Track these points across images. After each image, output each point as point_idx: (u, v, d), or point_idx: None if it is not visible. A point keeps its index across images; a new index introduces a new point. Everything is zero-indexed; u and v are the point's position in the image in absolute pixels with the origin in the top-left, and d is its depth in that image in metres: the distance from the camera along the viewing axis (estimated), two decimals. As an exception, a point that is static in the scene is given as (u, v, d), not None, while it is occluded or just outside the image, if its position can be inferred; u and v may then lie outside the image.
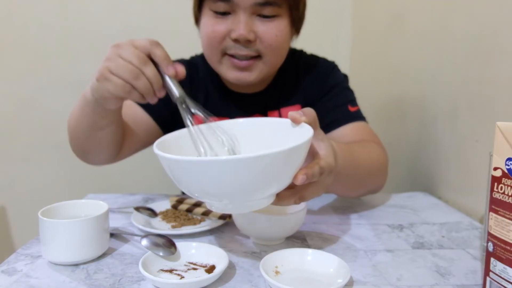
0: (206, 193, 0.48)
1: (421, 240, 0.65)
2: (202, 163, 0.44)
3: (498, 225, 0.44)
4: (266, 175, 0.45)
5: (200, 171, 0.44)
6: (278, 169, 0.46)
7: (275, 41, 0.75)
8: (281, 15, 0.75)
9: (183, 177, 0.47)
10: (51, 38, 1.40)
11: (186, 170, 0.46)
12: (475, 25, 0.78)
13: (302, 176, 0.48)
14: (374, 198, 0.86)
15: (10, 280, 0.52)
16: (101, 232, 0.57)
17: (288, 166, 0.47)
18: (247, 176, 0.44)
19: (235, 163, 0.43)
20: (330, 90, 0.87)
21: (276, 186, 0.49)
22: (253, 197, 0.48)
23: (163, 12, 1.42)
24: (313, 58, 0.92)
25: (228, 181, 0.44)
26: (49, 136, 1.45)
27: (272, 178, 0.46)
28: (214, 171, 0.43)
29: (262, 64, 0.77)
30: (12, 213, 1.51)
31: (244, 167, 0.43)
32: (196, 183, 0.46)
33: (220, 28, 0.74)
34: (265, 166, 0.44)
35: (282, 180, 0.48)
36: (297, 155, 0.47)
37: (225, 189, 0.46)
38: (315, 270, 0.52)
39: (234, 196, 0.47)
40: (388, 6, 1.21)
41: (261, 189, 0.47)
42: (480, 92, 0.77)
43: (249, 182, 0.45)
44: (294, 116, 0.53)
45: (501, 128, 0.43)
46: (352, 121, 0.83)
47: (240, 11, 0.72)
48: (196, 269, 0.53)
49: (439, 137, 0.92)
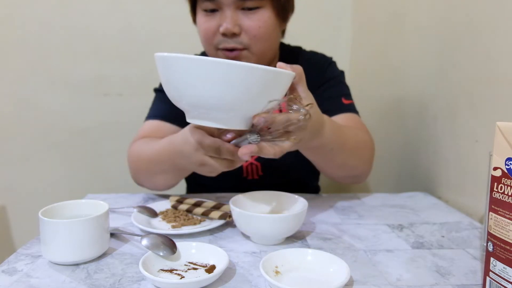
0: (196, 95, 0.51)
1: (421, 240, 0.65)
2: (197, 61, 0.49)
3: (498, 225, 0.44)
4: (247, 88, 0.50)
5: (193, 69, 0.49)
6: (261, 87, 0.50)
7: (258, 32, 0.80)
8: (263, 6, 0.80)
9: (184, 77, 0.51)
10: (51, 38, 1.40)
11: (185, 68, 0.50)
12: (475, 25, 0.78)
13: (259, 118, 0.52)
14: (374, 198, 0.86)
15: (11, 280, 0.52)
16: (101, 232, 0.57)
17: (269, 89, 0.51)
18: (236, 83, 0.49)
19: (226, 66, 0.48)
20: (326, 82, 0.91)
21: (252, 106, 0.52)
22: (228, 110, 0.51)
23: (163, 12, 1.41)
24: (311, 53, 0.97)
25: (217, 83, 0.49)
26: (49, 136, 1.44)
27: (251, 94, 0.50)
28: (206, 71, 0.49)
29: (250, 54, 0.83)
30: (12, 213, 1.51)
31: (235, 73, 0.48)
32: (187, 81, 0.50)
33: (210, 25, 0.80)
34: (249, 78, 0.49)
35: (258, 102, 0.52)
36: (280, 81, 0.53)
37: (207, 93, 0.50)
38: (315, 270, 0.52)
39: (211, 103, 0.51)
40: (388, 5, 1.21)
41: (237, 102, 0.51)
42: (480, 92, 0.77)
43: (231, 90, 0.50)
44: (281, 66, 0.56)
45: (501, 128, 0.43)
46: (344, 112, 0.87)
47: (225, 7, 0.78)
48: (196, 269, 0.53)
49: (439, 137, 0.92)
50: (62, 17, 1.39)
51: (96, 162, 1.48)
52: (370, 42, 1.36)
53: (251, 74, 0.49)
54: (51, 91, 1.43)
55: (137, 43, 1.42)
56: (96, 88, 1.44)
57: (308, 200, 0.66)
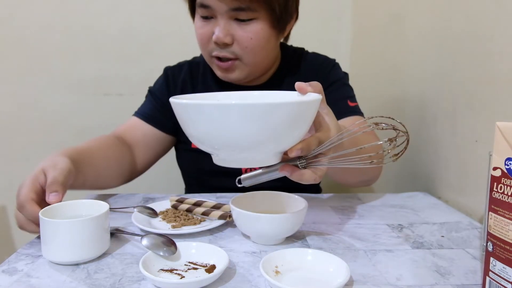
0: (215, 139, 0.49)
1: (421, 240, 0.65)
2: (220, 107, 0.46)
3: (497, 225, 0.44)
4: (274, 125, 0.47)
5: (216, 114, 0.47)
6: (288, 121, 0.47)
7: (250, 44, 0.80)
8: (258, 18, 0.79)
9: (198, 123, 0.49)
10: (51, 38, 1.40)
11: (200, 114, 0.48)
12: (475, 25, 0.78)
13: (296, 151, 0.50)
14: (374, 198, 0.86)
15: (11, 280, 0.52)
16: (102, 231, 0.57)
17: (298, 120, 0.49)
18: (260, 122, 0.46)
19: (248, 108, 0.45)
20: (330, 85, 0.89)
21: (284, 142, 0.50)
22: (262, 147, 0.49)
23: (163, 12, 1.41)
24: (314, 55, 0.96)
25: (238, 126, 0.46)
26: (49, 136, 1.44)
27: (280, 130, 0.48)
28: (229, 115, 0.46)
29: (242, 64, 0.83)
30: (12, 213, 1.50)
31: (254, 114, 0.45)
32: (210, 127, 0.48)
33: (205, 31, 0.81)
34: (275, 115, 0.46)
35: (289, 136, 0.49)
36: (307, 110, 0.49)
37: (233, 135, 0.47)
38: (315, 270, 0.52)
39: (239, 145, 0.49)
40: (388, 6, 1.21)
41: (269, 140, 0.48)
42: (480, 92, 0.77)
43: (257, 130, 0.47)
44: (300, 85, 0.55)
45: (500, 128, 0.43)
46: (351, 115, 0.86)
47: (218, 16, 0.78)
48: (196, 268, 0.53)
49: (439, 137, 0.92)
50: (62, 17, 1.39)
51: (96, 162, 1.48)
52: (370, 42, 1.36)
53: (272, 112, 0.46)
54: (51, 91, 1.43)
55: (137, 43, 1.42)
56: (96, 88, 1.44)
57: (308, 200, 0.66)
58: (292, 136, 0.50)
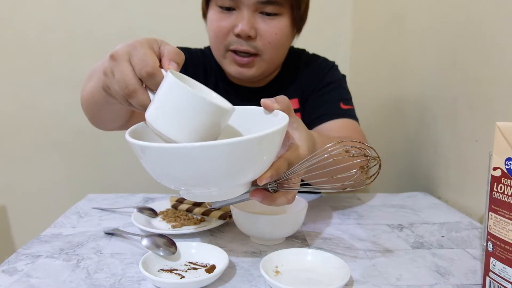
0: (181, 180, 0.46)
1: (421, 240, 0.65)
2: (179, 149, 0.42)
3: (497, 225, 0.44)
4: (240, 162, 0.44)
5: (176, 157, 0.43)
6: (253, 156, 0.44)
7: (274, 39, 0.78)
8: (282, 14, 0.78)
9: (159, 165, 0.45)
10: (52, 38, 1.40)
11: (161, 157, 0.43)
12: (475, 25, 0.78)
13: (266, 179, 0.47)
14: (374, 198, 0.86)
15: (11, 280, 0.52)
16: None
17: (262, 153, 0.45)
18: (223, 162, 0.43)
19: (210, 149, 0.42)
20: (325, 86, 0.89)
21: (251, 173, 0.47)
22: (230, 183, 0.46)
23: (163, 12, 1.41)
24: (314, 57, 0.96)
25: (203, 167, 0.43)
26: (49, 136, 1.44)
27: (246, 166, 0.45)
28: (191, 157, 0.42)
29: (262, 61, 0.81)
30: (12, 213, 1.51)
31: (219, 154, 0.42)
32: (171, 169, 0.44)
33: (225, 24, 0.78)
34: (240, 152, 0.43)
35: (257, 168, 0.46)
36: (270, 142, 0.45)
37: (200, 175, 0.44)
38: (315, 270, 0.52)
39: (206, 183, 0.45)
40: (388, 6, 1.21)
41: (236, 176, 0.45)
42: (480, 92, 0.77)
43: (225, 168, 0.44)
44: (266, 103, 0.51)
45: (501, 128, 0.43)
46: (342, 117, 0.84)
47: (243, 8, 0.76)
48: (196, 269, 0.53)
49: (439, 137, 0.92)
50: (62, 17, 1.39)
51: (96, 162, 1.48)
52: (370, 42, 1.36)
53: (232, 152, 0.42)
54: (51, 91, 1.43)
55: (137, 43, 1.41)
56: (96, 88, 1.44)
57: (308, 200, 0.66)
58: (261, 166, 0.46)
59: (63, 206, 0.83)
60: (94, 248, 0.61)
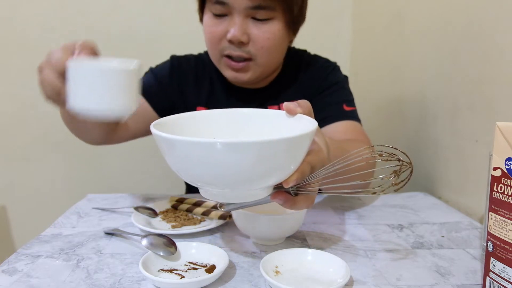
0: (203, 177, 0.45)
1: (421, 240, 0.65)
2: (208, 144, 0.41)
3: (498, 225, 0.44)
4: (267, 163, 0.43)
5: (204, 152, 0.42)
6: (280, 159, 0.44)
7: (267, 43, 0.78)
8: (275, 18, 0.78)
9: (183, 159, 0.45)
10: (52, 38, 1.40)
11: (187, 151, 0.43)
12: (475, 25, 0.78)
13: (292, 182, 0.47)
14: (374, 198, 0.86)
15: (11, 280, 0.52)
16: (135, 85, 0.55)
17: (290, 156, 0.45)
18: (250, 161, 0.42)
19: (240, 146, 0.41)
20: (327, 88, 0.89)
21: (276, 176, 0.47)
22: (251, 186, 0.46)
23: (163, 12, 1.41)
24: (315, 58, 0.95)
25: (229, 165, 0.42)
26: (49, 136, 1.44)
27: (272, 167, 0.45)
28: (219, 153, 0.42)
29: (255, 65, 0.81)
30: (12, 213, 1.51)
31: (248, 152, 0.42)
32: (196, 165, 0.44)
33: (217, 29, 0.78)
34: (268, 153, 0.43)
35: (282, 171, 0.46)
36: (299, 145, 0.45)
37: (225, 173, 0.44)
38: (315, 270, 0.52)
39: (231, 182, 0.45)
40: (388, 6, 1.21)
41: (260, 178, 0.45)
42: (480, 92, 0.77)
43: (250, 168, 0.43)
44: (289, 107, 0.52)
45: (501, 128, 0.43)
46: (345, 119, 0.84)
47: (235, 14, 0.76)
48: (196, 269, 0.53)
49: (439, 137, 0.92)
50: (62, 17, 1.39)
51: (96, 162, 1.48)
52: (370, 42, 1.36)
53: (263, 150, 0.42)
54: (51, 91, 1.43)
55: (137, 43, 1.41)
56: (96, 88, 1.44)
57: (308, 200, 0.66)
58: (288, 170, 0.46)
59: (63, 206, 0.83)
60: (94, 248, 0.61)
